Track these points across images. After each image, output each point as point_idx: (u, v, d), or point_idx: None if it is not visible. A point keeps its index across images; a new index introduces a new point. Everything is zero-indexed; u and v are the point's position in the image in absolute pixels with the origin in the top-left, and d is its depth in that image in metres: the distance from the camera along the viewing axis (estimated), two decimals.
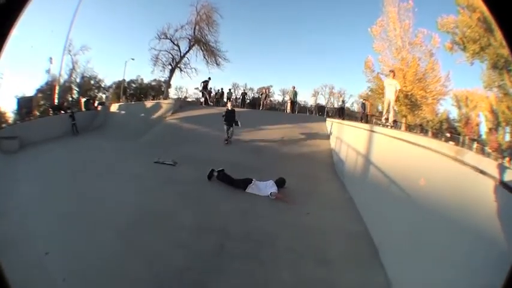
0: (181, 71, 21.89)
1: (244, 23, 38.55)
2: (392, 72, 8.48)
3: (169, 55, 21.32)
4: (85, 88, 25.40)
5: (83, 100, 18.33)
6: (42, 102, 19.78)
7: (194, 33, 21.29)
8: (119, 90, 26.62)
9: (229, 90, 20.70)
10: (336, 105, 30.76)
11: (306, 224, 4.40)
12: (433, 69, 18.29)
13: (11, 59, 15.01)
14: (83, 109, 17.04)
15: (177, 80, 28.40)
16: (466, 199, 2.15)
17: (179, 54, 21.48)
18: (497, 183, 1.81)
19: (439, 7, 23.38)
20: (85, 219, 3.88)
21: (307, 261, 3.35)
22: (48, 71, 19.55)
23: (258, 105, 22.52)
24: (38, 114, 17.90)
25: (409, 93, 17.97)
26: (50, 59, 19.08)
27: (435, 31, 18.33)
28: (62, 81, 20.77)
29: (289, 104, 17.50)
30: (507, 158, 15.98)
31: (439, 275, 2.20)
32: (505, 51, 14.52)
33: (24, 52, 19.36)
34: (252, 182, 5.65)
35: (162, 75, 22.68)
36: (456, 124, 26.22)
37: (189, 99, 24.95)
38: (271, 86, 32.01)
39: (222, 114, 9.84)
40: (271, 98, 31.87)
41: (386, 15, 19.25)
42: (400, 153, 3.89)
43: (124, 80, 26.70)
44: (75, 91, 24.44)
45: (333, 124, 10.48)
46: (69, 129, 12.51)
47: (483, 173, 1.97)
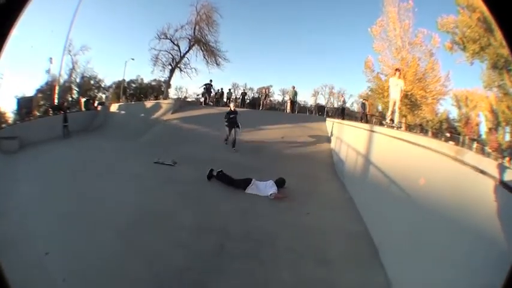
0: (181, 71, 21.94)
1: (244, 22, 38.46)
2: (398, 70, 7.97)
3: (169, 55, 21.36)
4: (85, 88, 25.38)
5: (83, 100, 18.32)
6: (42, 103, 19.76)
7: (194, 33, 21.31)
8: (119, 90, 26.59)
9: (229, 90, 20.78)
10: (336, 105, 30.77)
11: (306, 224, 4.40)
12: (433, 69, 18.30)
13: (11, 59, 14.97)
14: (83, 109, 17.04)
15: (177, 80, 28.45)
16: (466, 199, 2.15)
17: (179, 54, 21.50)
18: (497, 183, 1.81)
19: (439, 7, 23.34)
20: (85, 219, 3.88)
21: (307, 261, 3.35)
22: (48, 71, 19.55)
23: (258, 105, 22.58)
24: (37, 114, 17.89)
25: (409, 93, 17.94)
26: (50, 59, 19.07)
27: (435, 31, 18.37)
28: (61, 81, 20.76)
29: (289, 104, 17.51)
30: (507, 158, 15.98)
31: (439, 275, 2.20)
32: (504, 51, 14.52)
33: (24, 52, 19.30)
34: (251, 182, 5.65)
35: (162, 75, 22.74)
36: (456, 124, 26.21)
37: (189, 99, 24.98)
38: (271, 86, 31.98)
39: (225, 116, 9.44)
40: (271, 98, 31.89)
41: (386, 15, 19.26)
42: (400, 153, 3.89)
43: (124, 80, 26.69)
44: (75, 91, 24.44)
45: (333, 125, 10.46)
46: (71, 130, 12.07)
47: (483, 172, 1.97)
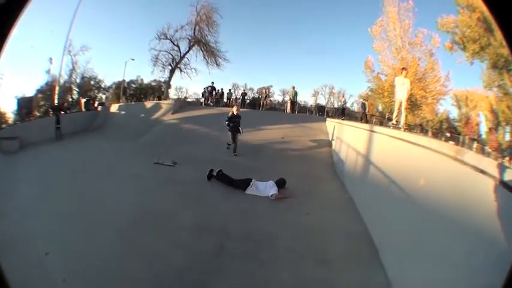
0: (181, 71, 21.98)
1: (244, 23, 38.53)
2: (405, 69, 7.65)
3: (169, 55, 21.39)
4: (85, 88, 25.42)
5: (83, 101, 18.37)
6: (42, 103, 19.79)
7: (194, 33, 21.33)
8: (119, 91, 26.60)
9: (229, 90, 20.77)
10: (336, 105, 30.78)
11: (306, 224, 4.40)
12: (433, 69, 18.33)
13: (11, 59, 15.02)
14: (83, 110, 17.06)
15: (177, 80, 28.52)
16: (466, 199, 2.15)
17: (179, 54, 21.53)
18: (497, 183, 1.81)
19: (439, 7, 23.40)
20: (85, 220, 3.88)
21: (307, 261, 3.35)
22: (48, 72, 19.57)
23: (258, 105, 22.61)
24: (38, 114, 17.90)
25: (409, 93, 17.94)
26: (50, 59, 19.09)
27: (435, 31, 18.41)
28: (62, 81, 20.78)
29: (289, 104, 17.51)
30: (507, 158, 15.97)
31: (439, 274, 2.19)
32: (504, 51, 14.53)
33: (24, 52, 19.39)
34: (251, 183, 5.64)
35: (162, 76, 22.78)
36: (456, 124, 26.22)
37: (189, 100, 25.01)
38: (271, 86, 32.06)
39: (226, 119, 8.73)
40: (271, 98, 31.93)
41: (386, 15, 19.29)
42: (400, 153, 3.88)
43: (124, 81, 26.71)
44: (75, 92, 24.49)
45: (333, 125, 10.44)
46: (71, 131, 12.11)
47: (483, 172, 1.97)
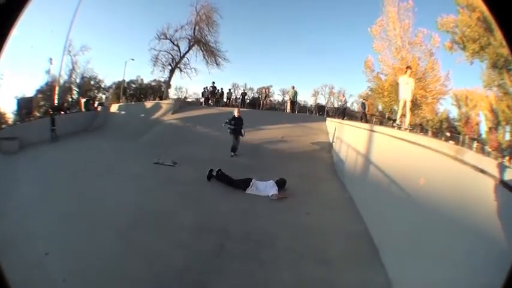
0: (181, 71, 21.98)
1: (244, 23, 38.49)
2: (410, 68, 7.47)
3: (169, 55, 21.39)
4: (85, 89, 25.38)
5: (83, 101, 18.34)
6: (42, 103, 19.76)
7: (194, 33, 21.33)
8: (119, 91, 26.57)
9: (229, 90, 20.78)
10: (336, 105, 30.77)
11: (306, 224, 4.40)
12: (433, 69, 18.32)
13: (11, 59, 14.99)
14: (83, 110, 17.05)
15: (177, 80, 28.49)
16: (466, 198, 2.15)
17: (179, 54, 21.53)
18: (497, 183, 1.81)
19: (439, 7, 23.38)
20: (85, 220, 3.88)
21: (307, 261, 3.35)
22: (48, 72, 19.54)
23: (258, 105, 22.57)
24: (37, 115, 17.88)
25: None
26: (50, 59, 19.06)
27: (435, 31, 18.40)
28: (61, 81, 20.75)
29: (289, 104, 17.52)
30: (507, 157, 15.97)
31: (440, 274, 2.19)
32: (504, 51, 14.53)
33: (24, 52, 19.33)
34: (251, 183, 5.64)
35: (161, 76, 22.77)
36: (456, 123, 26.20)
37: (189, 100, 25.00)
38: (271, 86, 31.98)
39: (226, 122, 8.44)
40: (271, 98, 31.88)
41: (386, 15, 19.29)
42: (400, 153, 3.88)
43: (124, 81, 26.67)
44: (75, 92, 24.45)
45: (333, 125, 10.44)
46: (71, 131, 12.10)
47: (483, 172, 1.97)
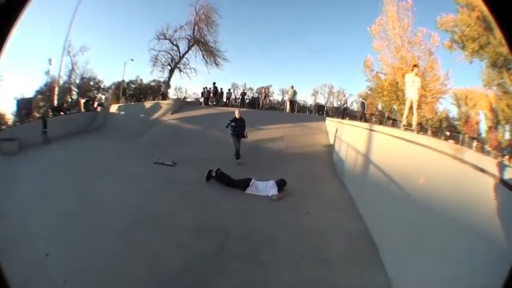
0: (180, 71, 22.03)
1: (244, 23, 38.44)
2: (416, 66, 7.12)
3: (169, 55, 21.44)
4: (84, 89, 25.34)
5: (83, 101, 18.34)
6: (41, 104, 19.74)
7: (193, 33, 21.36)
8: (118, 91, 26.53)
9: (229, 90, 20.78)
10: (336, 105, 30.77)
11: (305, 224, 4.40)
12: (432, 68, 18.33)
13: (11, 59, 14.95)
14: (83, 110, 17.05)
15: (177, 80, 28.48)
16: (466, 197, 2.15)
17: (178, 54, 21.57)
18: (497, 182, 1.81)
19: (438, 6, 23.32)
20: (85, 220, 3.88)
21: (307, 261, 3.35)
22: (47, 72, 19.53)
23: (258, 105, 22.56)
24: (37, 115, 17.86)
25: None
26: (49, 60, 19.07)
27: (434, 30, 18.39)
28: (61, 82, 20.76)
29: (288, 104, 17.51)
30: (507, 156, 15.96)
31: (439, 273, 2.20)
32: (504, 50, 14.52)
33: (24, 52, 19.28)
34: (251, 183, 5.63)
35: (161, 76, 22.79)
36: (456, 122, 26.16)
37: (189, 100, 24.99)
38: (271, 86, 31.98)
39: (227, 124, 8.08)
40: (271, 98, 31.85)
41: (386, 14, 19.31)
42: (399, 152, 3.88)
43: (123, 81, 26.65)
44: (75, 92, 24.41)
45: (333, 125, 10.44)
46: (70, 131, 12.13)
47: (483, 171, 1.97)
